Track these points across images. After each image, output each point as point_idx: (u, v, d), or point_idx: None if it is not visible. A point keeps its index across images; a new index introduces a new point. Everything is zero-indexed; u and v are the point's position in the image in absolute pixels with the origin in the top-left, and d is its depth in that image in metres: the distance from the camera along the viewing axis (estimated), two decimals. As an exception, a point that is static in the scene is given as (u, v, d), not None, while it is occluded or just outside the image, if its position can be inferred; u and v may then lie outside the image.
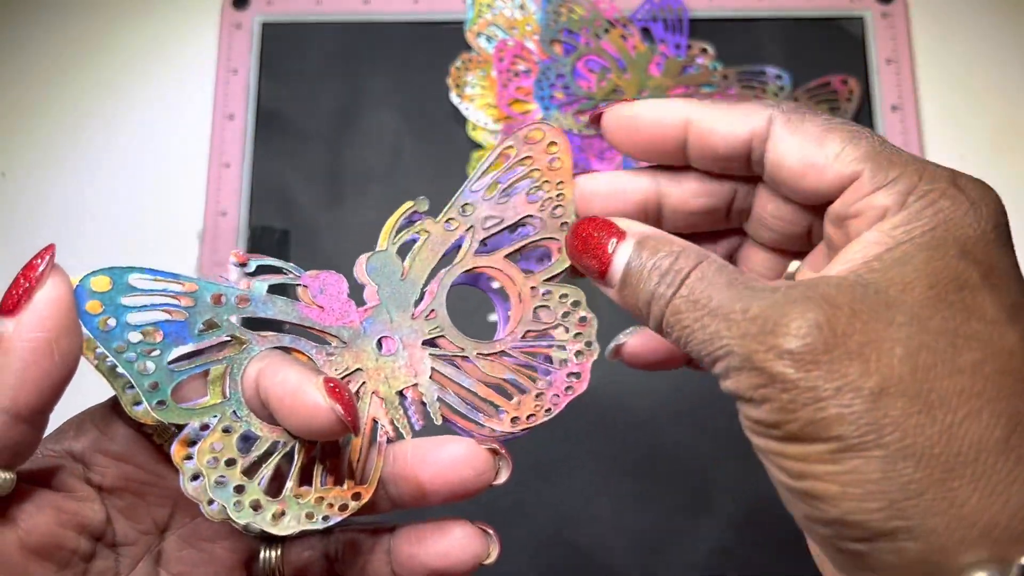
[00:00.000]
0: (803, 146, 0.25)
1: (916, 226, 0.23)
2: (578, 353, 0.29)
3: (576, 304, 0.29)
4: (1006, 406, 0.20)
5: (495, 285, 0.30)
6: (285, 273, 0.28)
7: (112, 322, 0.25)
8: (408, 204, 0.29)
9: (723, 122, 0.26)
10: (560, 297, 0.29)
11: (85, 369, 0.25)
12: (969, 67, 0.61)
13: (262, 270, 0.28)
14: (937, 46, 0.61)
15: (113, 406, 0.27)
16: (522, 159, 0.29)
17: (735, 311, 0.22)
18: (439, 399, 0.28)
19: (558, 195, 0.29)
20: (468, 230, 0.29)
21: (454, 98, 0.59)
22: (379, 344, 0.28)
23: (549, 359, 0.29)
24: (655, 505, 0.52)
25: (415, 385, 0.28)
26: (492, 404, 0.28)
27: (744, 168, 0.27)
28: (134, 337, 0.25)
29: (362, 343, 0.28)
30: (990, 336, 0.21)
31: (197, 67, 0.62)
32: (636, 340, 0.30)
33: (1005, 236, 0.23)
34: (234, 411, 0.26)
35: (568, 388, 0.29)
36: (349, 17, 0.62)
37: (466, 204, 0.29)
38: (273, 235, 0.58)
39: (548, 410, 0.28)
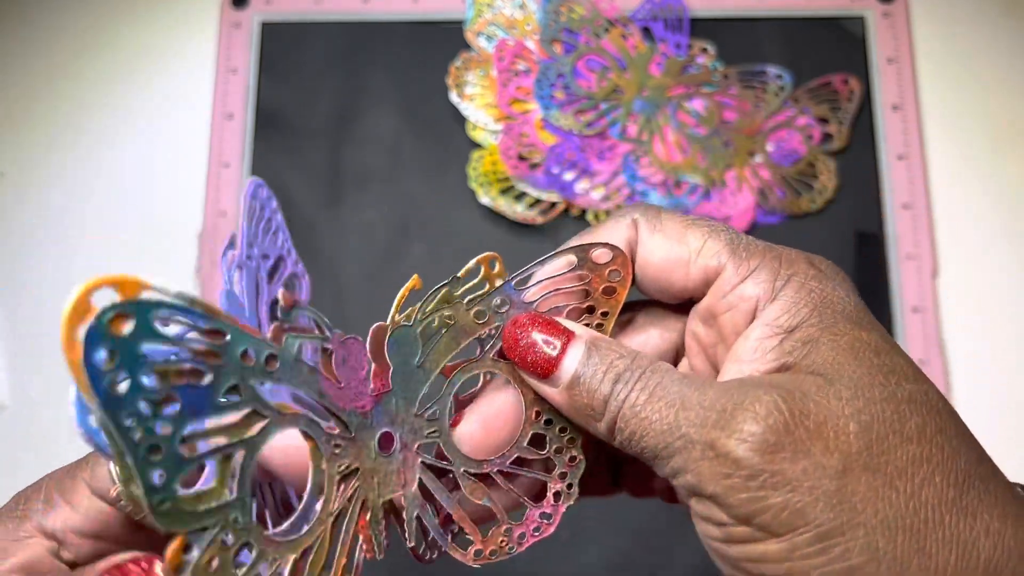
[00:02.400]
0: (666, 243, 0.25)
1: (798, 312, 0.23)
2: (557, 495, 0.27)
3: (572, 442, 0.27)
4: (952, 466, 0.21)
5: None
6: (320, 330, 0.24)
7: (125, 384, 0.19)
8: (411, 284, 0.26)
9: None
10: (559, 430, 0.27)
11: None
12: (970, 66, 0.61)
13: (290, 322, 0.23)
14: (938, 45, 0.61)
15: (77, 472, 0.26)
16: (581, 275, 0.27)
17: (692, 401, 0.22)
18: (417, 517, 0.26)
19: (598, 325, 0.27)
20: (496, 329, 0.27)
21: (454, 98, 0.59)
22: (380, 440, 0.25)
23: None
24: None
25: (399, 498, 0.26)
26: (461, 533, 0.27)
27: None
28: (145, 407, 0.19)
29: (366, 436, 0.25)
30: (922, 397, 0.22)
31: (196, 67, 0.62)
32: None
33: (863, 302, 0.24)
34: (237, 516, 0.21)
35: (536, 529, 0.27)
36: (349, 16, 0.62)
37: (503, 300, 0.27)
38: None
39: (511, 548, 0.27)
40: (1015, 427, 0.53)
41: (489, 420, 0.27)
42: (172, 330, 0.20)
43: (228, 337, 0.21)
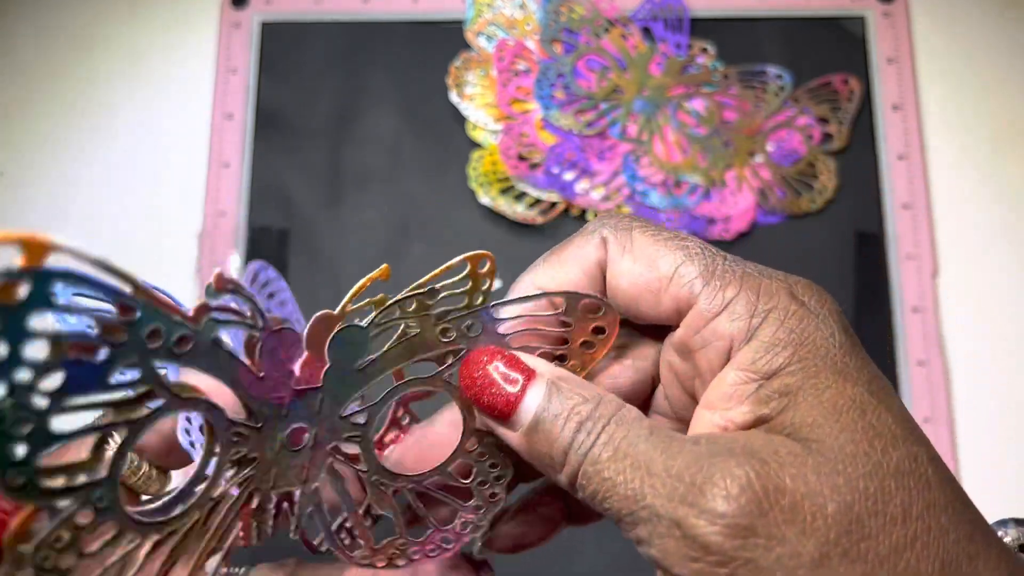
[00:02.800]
0: (635, 268, 0.23)
1: (776, 355, 0.21)
2: (465, 524, 0.26)
3: (498, 480, 0.26)
4: (938, 548, 0.20)
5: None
6: (253, 320, 0.22)
7: (3, 352, 0.18)
8: (377, 273, 0.23)
9: (567, 276, 0.24)
10: (490, 466, 0.26)
11: None
12: (970, 66, 0.61)
13: (222, 309, 0.22)
14: (938, 45, 0.61)
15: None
16: (564, 322, 0.25)
17: (658, 466, 0.20)
18: (310, 513, 0.25)
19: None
20: (459, 354, 0.24)
21: (454, 97, 0.59)
22: (290, 434, 0.24)
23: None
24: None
25: (294, 492, 0.25)
26: (352, 536, 0.26)
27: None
28: (24, 377, 0.18)
29: (275, 428, 0.24)
30: (910, 465, 0.20)
31: (196, 66, 0.62)
32: (510, 526, 0.27)
33: (853, 337, 0.22)
34: (101, 495, 0.21)
35: (433, 551, 0.26)
36: (348, 16, 0.62)
37: (473, 324, 0.24)
38: (272, 235, 0.58)
39: (398, 564, 0.26)
40: (1015, 427, 0.53)
41: (424, 449, 0.26)
42: (85, 301, 0.19)
43: (137, 314, 0.20)
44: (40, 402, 0.18)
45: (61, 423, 0.19)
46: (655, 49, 0.60)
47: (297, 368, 0.23)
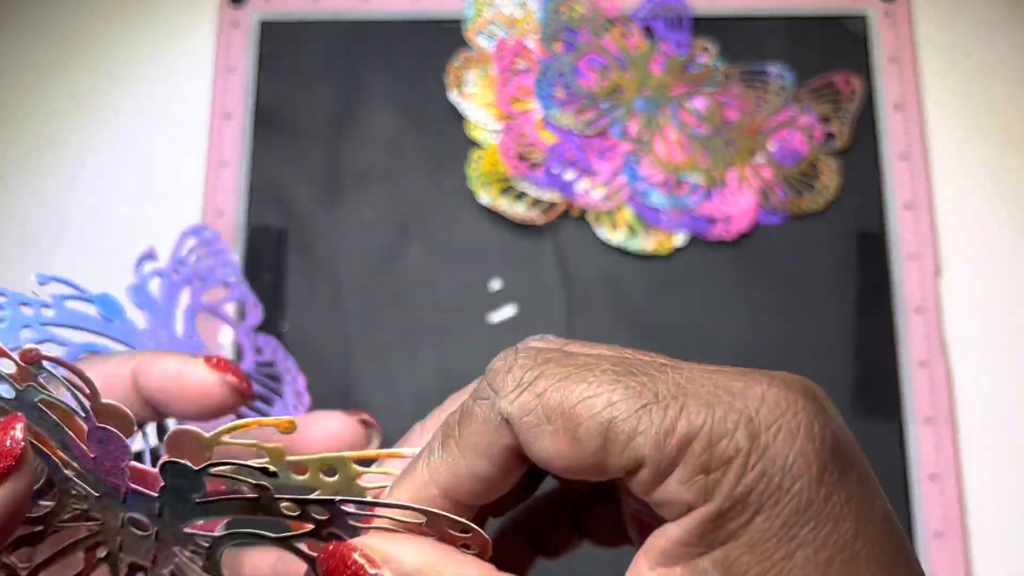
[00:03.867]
0: (560, 449, 0.19)
1: (731, 523, 0.18)
2: None
3: None
4: None
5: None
6: (80, 402, 0.21)
7: None
8: (276, 422, 0.22)
9: (471, 471, 0.21)
10: None
11: None
12: (973, 65, 0.61)
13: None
14: (941, 44, 0.61)
15: None
16: (426, 531, 0.21)
17: None
18: None
19: None
20: (304, 531, 0.22)
21: (453, 97, 0.59)
22: (132, 519, 0.23)
23: None
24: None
25: (145, 568, 0.24)
26: None
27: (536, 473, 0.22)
28: None
29: (115, 508, 0.23)
30: None
31: (194, 65, 0.61)
32: None
33: (831, 474, 0.18)
34: None
35: None
36: (348, 15, 0.62)
37: (327, 511, 0.21)
38: (271, 234, 0.57)
39: None
40: (1018, 427, 0.53)
41: None
42: None
43: None
44: None
45: None
46: (656, 48, 0.60)
47: (127, 469, 0.22)
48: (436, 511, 0.21)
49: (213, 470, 0.21)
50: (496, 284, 0.55)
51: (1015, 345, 0.55)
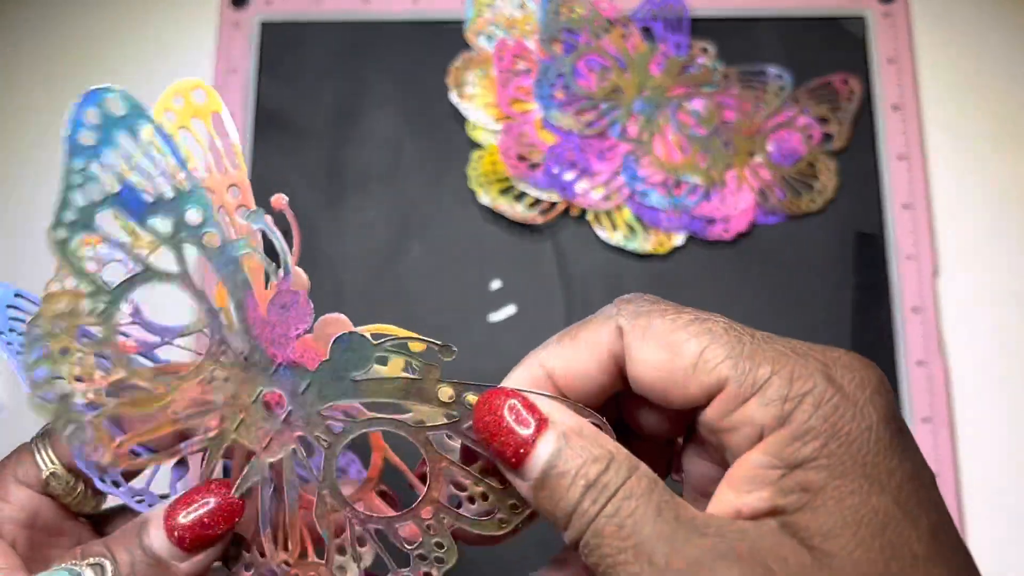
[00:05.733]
0: (657, 355, 0.22)
1: (806, 446, 0.20)
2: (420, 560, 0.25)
3: (439, 562, 0.25)
4: None
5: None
6: (277, 263, 0.24)
7: (91, 139, 0.23)
8: (420, 345, 0.23)
9: (577, 361, 0.24)
10: (436, 543, 0.25)
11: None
12: (971, 66, 0.61)
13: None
14: (939, 45, 0.61)
15: (6, 471, 0.27)
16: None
17: (661, 558, 0.20)
18: (260, 485, 0.25)
19: (481, 494, 0.24)
20: (452, 423, 0.24)
21: (454, 97, 0.59)
22: (267, 396, 0.24)
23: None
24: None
25: (254, 451, 0.25)
26: (284, 540, 0.26)
27: (623, 384, 0.24)
28: (93, 168, 0.24)
29: (258, 380, 0.24)
30: None
31: (196, 67, 0.62)
32: None
33: (894, 426, 0.21)
34: (99, 307, 0.25)
35: None
36: (348, 16, 0.62)
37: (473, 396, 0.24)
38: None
39: None
40: (1016, 427, 0.53)
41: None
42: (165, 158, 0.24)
43: (188, 188, 0.24)
44: (95, 194, 0.24)
45: (101, 219, 0.24)
46: (655, 49, 0.60)
47: (295, 340, 0.24)
48: (569, 400, 0.23)
49: (388, 344, 0.23)
50: (496, 284, 0.56)
51: (1012, 345, 0.55)
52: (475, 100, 0.59)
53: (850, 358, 0.21)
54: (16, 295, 0.28)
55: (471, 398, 0.23)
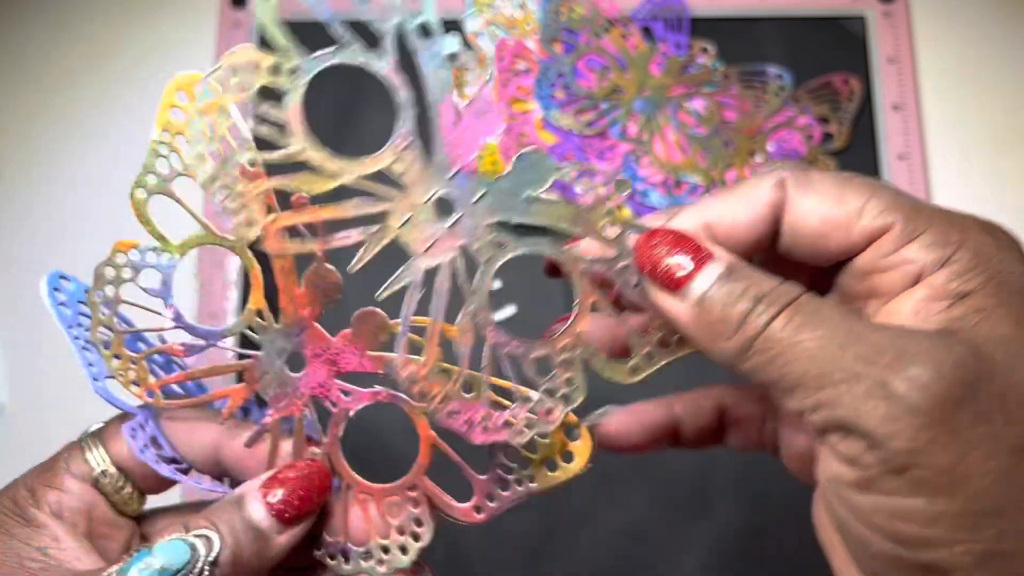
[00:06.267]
0: (822, 204, 0.23)
1: (971, 281, 0.22)
2: (508, 422, 0.26)
3: (565, 399, 0.25)
4: None
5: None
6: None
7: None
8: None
9: (736, 212, 0.24)
10: (567, 379, 0.26)
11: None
12: (971, 66, 0.61)
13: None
14: (939, 45, 0.61)
15: (52, 467, 0.29)
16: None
17: (863, 335, 0.21)
18: (411, 288, 0.26)
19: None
20: (622, 267, 0.25)
21: (453, 98, 0.59)
22: (439, 202, 0.26)
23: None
24: (657, 510, 0.52)
25: (419, 249, 0.26)
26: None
27: (771, 242, 0.25)
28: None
29: (434, 180, 0.25)
30: None
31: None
32: (617, 420, 0.28)
33: None
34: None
35: (466, 423, 0.26)
36: (349, 16, 0.62)
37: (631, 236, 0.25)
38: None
39: (430, 406, 0.26)
40: None
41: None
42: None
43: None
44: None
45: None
46: (655, 49, 0.60)
47: (482, 148, 0.25)
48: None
49: (566, 168, 0.24)
50: (496, 284, 0.56)
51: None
52: (475, 100, 0.59)
53: (996, 222, 0.24)
54: (86, 291, 0.29)
55: (633, 238, 0.24)
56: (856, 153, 0.59)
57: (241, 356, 0.28)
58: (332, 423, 0.27)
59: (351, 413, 0.27)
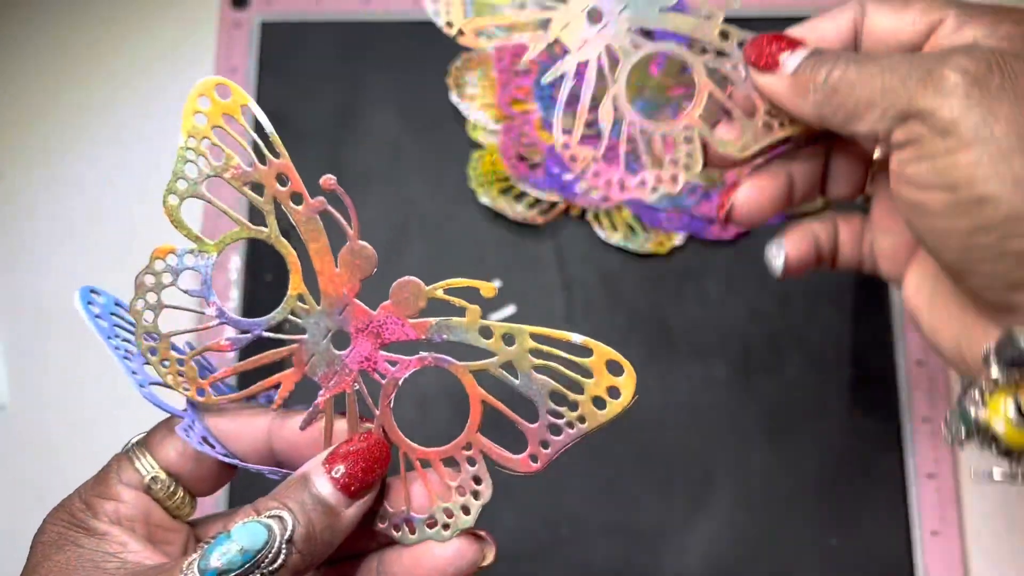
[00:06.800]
0: (892, 12, 0.31)
1: (1012, 38, 0.28)
2: (648, 183, 0.35)
3: (686, 168, 0.35)
4: None
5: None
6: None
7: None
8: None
9: (828, 27, 0.33)
10: (688, 152, 0.34)
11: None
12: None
13: None
14: (938, 45, 0.61)
15: (104, 479, 0.29)
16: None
17: (912, 57, 0.29)
18: (563, 80, 0.36)
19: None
20: (733, 65, 0.36)
21: (454, 98, 0.59)
22: (591, 14, 0.35)
23: None
24: (656, 497, 0.52)
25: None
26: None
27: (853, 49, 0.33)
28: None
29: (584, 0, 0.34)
30: None
31: (196, 67, 0.62)
32: (793, 247, 0.37)
33: None
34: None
35: (623, 183, 0.37)
36: (349, 16, 0.62)
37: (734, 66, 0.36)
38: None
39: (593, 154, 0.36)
40: (1015, 427, 0.53)
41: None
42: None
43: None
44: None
45: None
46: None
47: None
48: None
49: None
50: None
51: (1012, 344, 0.55)
52: (475, 100, 0.59)
53: None
54: (116, 303, 0.30)
55: (743, 41, 0.34)
56: (855, 153, 0.59)
57: (282, 343, 0.29)
58: (383, 394, 0.28)
59: (400, 382, 0.28)
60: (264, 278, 0.57)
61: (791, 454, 0.52)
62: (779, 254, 0.37)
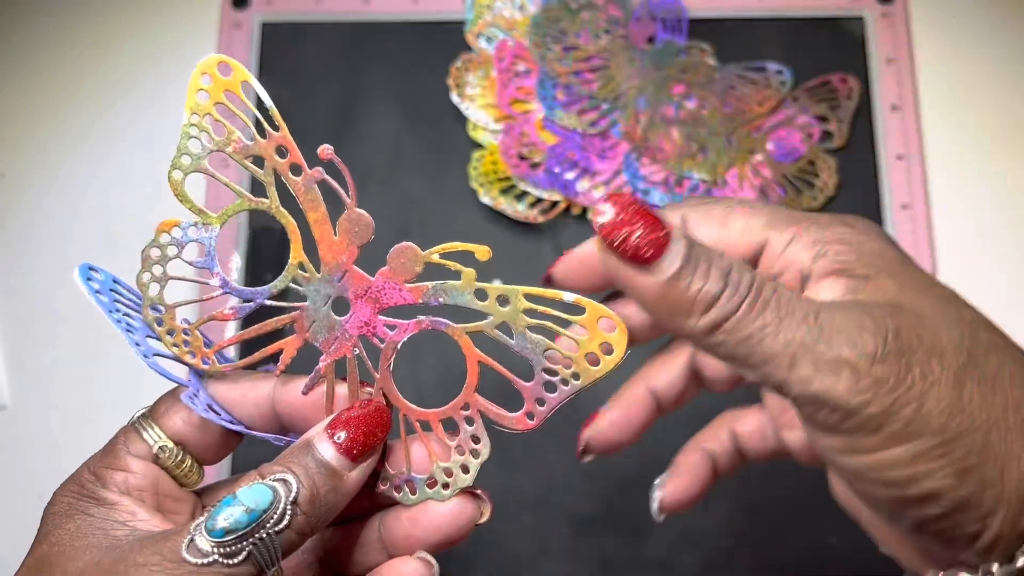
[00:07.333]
0: (712, 231, 0.27)
1: (845, 261, 0.26)
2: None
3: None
4: (1017, 368, 0.25)
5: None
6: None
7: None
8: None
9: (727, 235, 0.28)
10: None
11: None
12: (969, 66, 0.61)
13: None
14: (937, 46, 0.61)
15: (112, 450, 0.29)
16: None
17: (812, 316, 0.24)
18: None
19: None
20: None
21: (454, 98, 0.59)
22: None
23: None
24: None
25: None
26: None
27: None
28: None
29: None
30: (973, 316, 0.27)
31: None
32: (672, 488, 0.34)
33: (900, 249, 0.27)
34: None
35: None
36: (349, 17, 0.62)
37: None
38: (273, 235, 0.58)
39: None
40: None
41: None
42: None
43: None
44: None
45: None
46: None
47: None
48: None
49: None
50: (496, 282, 0.56)
51: (1011, 344, 0.55)
52: (476, 100, 0.59)
53: (857, 216, 0.28)
54: (114, 280, 0.31)
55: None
56: (855, 153, 0.59)
57: (283, 311, 0.30)
58: (382, 357, 0.29)
59: (399, 345, 0.29)
60: (265, 278, 0.56)
61: (791, 453, 0.52)
62: (656, 497, 0.33)
